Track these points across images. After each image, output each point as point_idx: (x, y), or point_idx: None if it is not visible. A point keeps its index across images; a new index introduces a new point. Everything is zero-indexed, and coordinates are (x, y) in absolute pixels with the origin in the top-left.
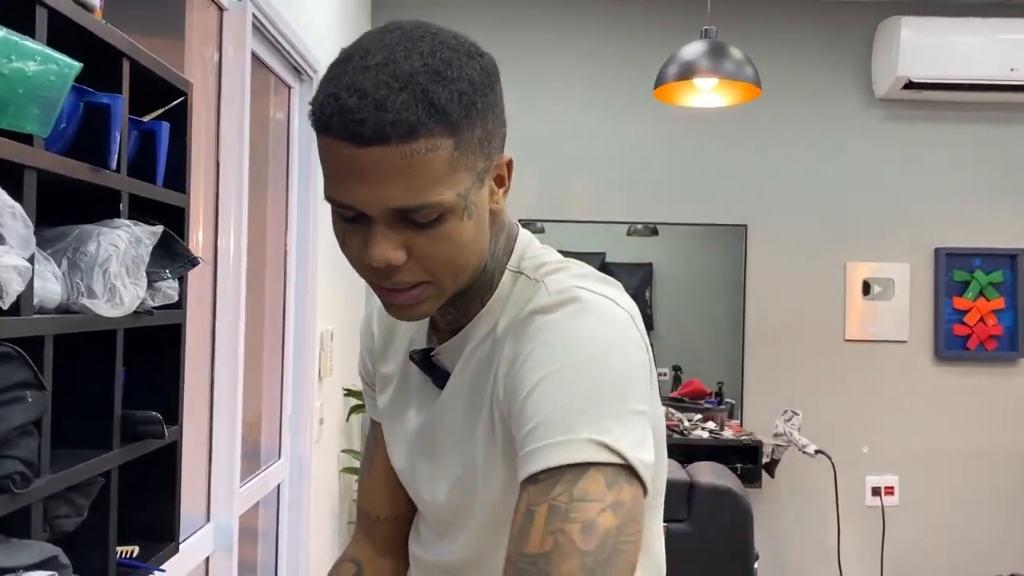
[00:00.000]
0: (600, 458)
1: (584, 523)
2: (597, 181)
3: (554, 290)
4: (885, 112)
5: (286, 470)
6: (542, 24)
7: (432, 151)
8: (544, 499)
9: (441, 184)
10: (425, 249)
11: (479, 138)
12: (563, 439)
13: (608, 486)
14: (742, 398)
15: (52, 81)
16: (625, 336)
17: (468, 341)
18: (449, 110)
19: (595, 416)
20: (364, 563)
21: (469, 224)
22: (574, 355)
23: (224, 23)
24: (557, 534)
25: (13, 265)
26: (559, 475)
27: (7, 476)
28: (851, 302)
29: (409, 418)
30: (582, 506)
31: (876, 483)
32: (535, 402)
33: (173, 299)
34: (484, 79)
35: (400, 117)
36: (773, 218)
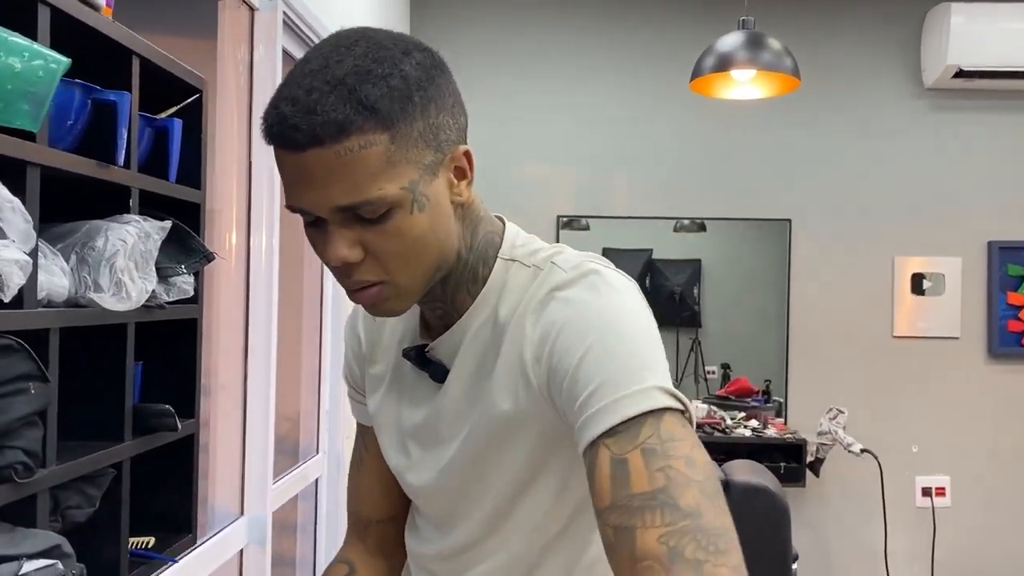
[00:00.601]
0: (669, 403)
1: (686, 458)
2: (637, 176)
3: (568, 267)
4: (935, 102)
5: (324, 465)
6: (577, 17)
7: (365, 147)
8: (633, 445)
9: (380, 179)
10: (378, 245)
11: (421, 132)
12: (636, 389)
13: (683, 426)
14: (786, 396)
15: (40, 77)
16: (639, 303)
17: (465, 332)
18: (379, 106)
19: (653, 368)
20: (357, 563)
21: (420, 217)
22: (612, 320)
23: (255, 23)
24: (666, 470)
25: (14, 259)
26: (640, 422)
27: (9, 466)
28: (900, 298)
29: (406, 415)
30: (676, 445)
31: (927, 484)
32: (588, 368)
33: (188, 294)
34: (421, 74)
35: (329, 118)
36: (818, 212)
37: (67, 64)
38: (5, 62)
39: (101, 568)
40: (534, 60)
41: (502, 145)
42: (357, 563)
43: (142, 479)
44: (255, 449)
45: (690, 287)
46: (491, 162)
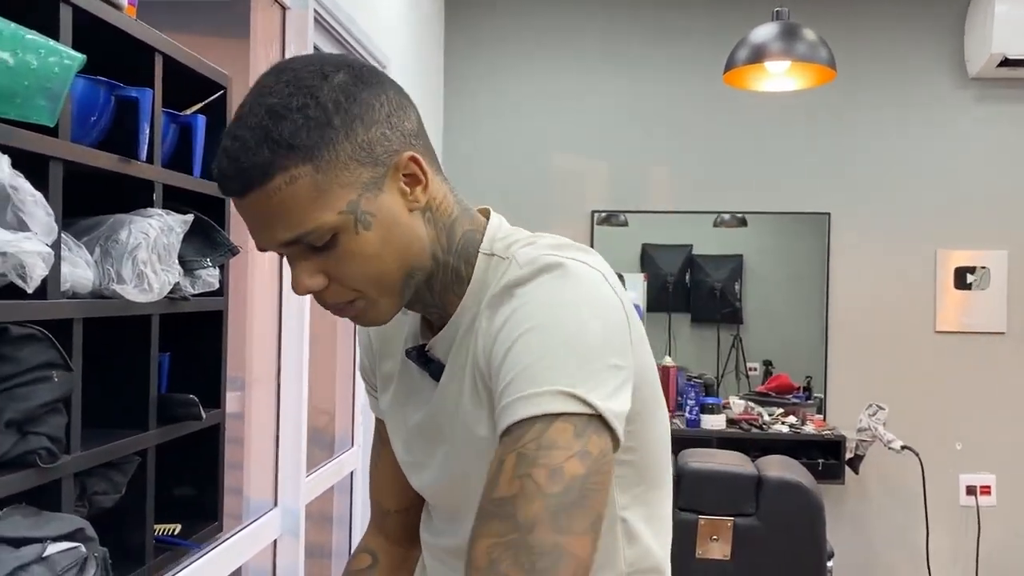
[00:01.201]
0: (568, 408)
1: (551, 468)
2: (672, 170)
3: (524, 261)
4: (979, 92)
5: (359, 457)
6: (610, 8)
7: (291, 183)
8: (513, 448)
9: (313, 208)
10: (336, 270)
11: (349, 153)
12: (533, 391)
13: (576, 436)
14: (825, 392)
15: (56, 73)
16: (597, 294)
17: (458, 329)
18: (295, 142)
19: (564, 370)
20: (379, 552)
21: (368, 235)
22: (545, 315)
23: (287, 22)
24: (524, 478)
25: (37, 251)
26: (529, 425)
27: (33, 451)
28: (943, 292)
29: (410, 412)
30: (549, 453)
31: (971, 482)
32: (509, 362)
33: (214, 286)
34: (339, 96)
35: (252, 163)
36: (857, 205)
37: (82, 60)
38: (22, 59)
39: (127, 553)
40: (567, 53)
41: (534, 138)
42: (380, 552)
43: (169, 468)
44: (288, 442)
45: (731, 283)
46: (522, 156)
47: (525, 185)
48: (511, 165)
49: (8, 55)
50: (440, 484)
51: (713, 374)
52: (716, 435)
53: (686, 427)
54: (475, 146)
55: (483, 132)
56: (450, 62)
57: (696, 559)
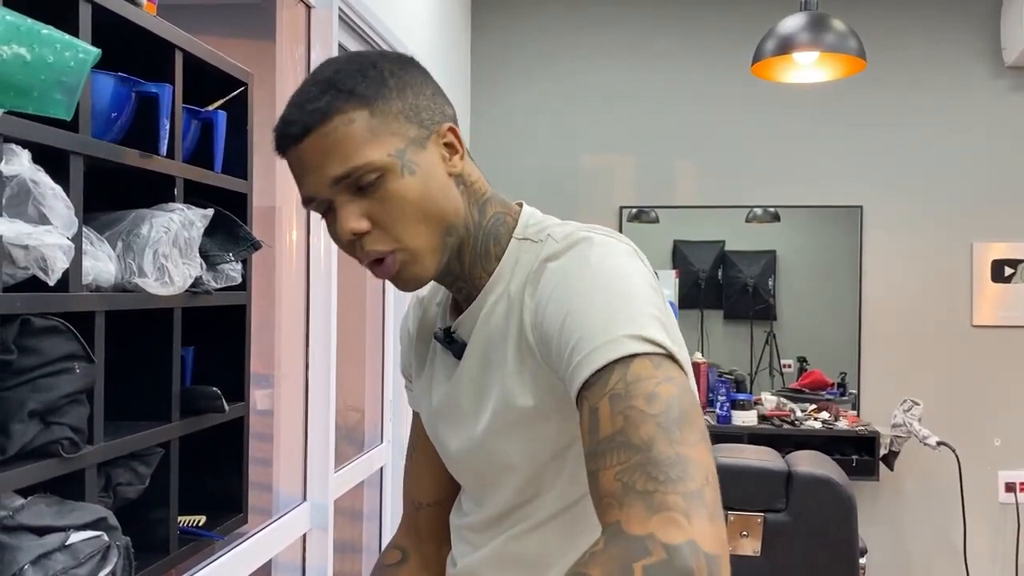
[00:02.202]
0: (642, 349)
1: (646, 395)
2: (701, 164)
3: (560, 237)
4: (1016, 81)
5: (389, 453)
6: (635, 5)
7: (348, 124)
8: (602, 393)
9: (366, 147)
10: (380, 212)
11: (400, 109)
12: (604, 340)
13: (656, 367)
14: (859, 387)
15: (72, 67)
16: (632, 263)
17: (481, 308)
18: (356, 89)
19: (627, 318)
20: (409, 549)
21: (412, 181)
22: (591, 280)
23: (312, 20)
24: (625, 411)
25: (57, 243)
26: (610, 371)
27: (55, 441)
28: (979, 285)
29: (435, 394)
30: (640, 384)
31: (1010, 479)
32: (569, 329)
33: (236, 281)
34: (394, 64)
35: (315, 107)
36: (890, 198)
37: (97, 54)
38: (38, 54)
39: (152, 543)
40: (592, 49)
41: (560, 134)
42: (410, 550)
43: (194, 460)
44: (316, 437)
45: (764, 279)
46: (549, 152)
47: (552, 183)
48: (538, 163)
49: (25, 50)
50: (462, 463)
51: (746, 371)
52: (747, 431)
53: (717, 423)
54: (501, 145)
55: (510, 130)
56: (476, 60)
57: None
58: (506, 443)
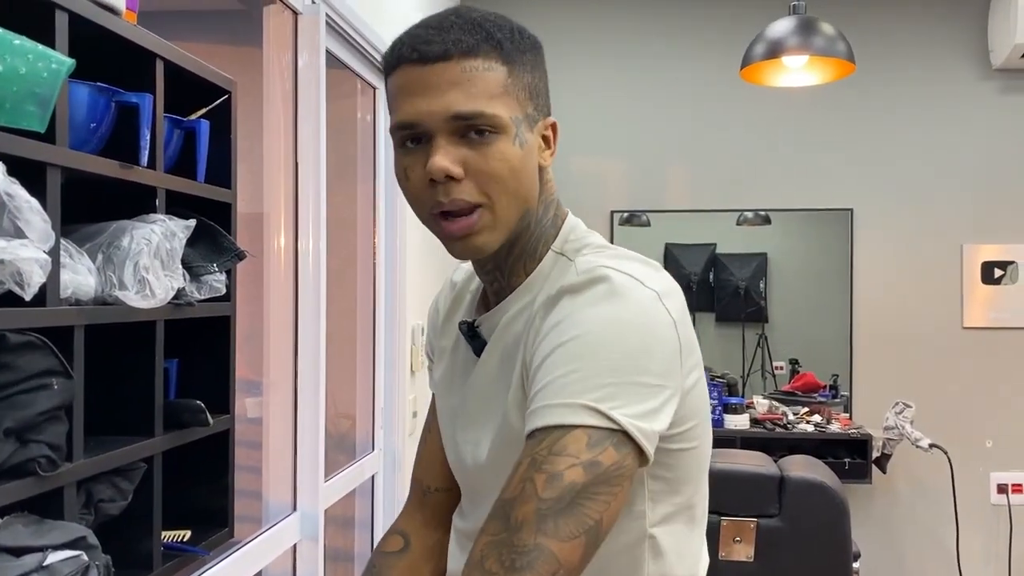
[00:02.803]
0: (589, 421)
1: (550, 474)
2: (693, 168)
3: (582, 269)
4: (1003, 83)
5: (380, 462)
6: (624, 5)
7: (488, 70)
8: (529, 453)
9: (495, 100)
10: (481, 165)
11: (528, 83)
12: (559, 401)
13: (589, 446)
14: (851, 390)
15: (45, 78)
16: (647, 313)
17: (505, 312)
18: (503, 43)
19: (594, 384)
20: (411, 535)
21: (518, 151)
22: (588, 328)
23: (299, 27)
24: (526, 482)
25: (34, 257)
26: (548, 433)
27: (32, 459)
28: (970, 287)
29: (455, 388)
30: (554, 459)
31: (1002, 480)
32: (545, 368)
33: (221, 292)
34: (532, 43)
35: (460, 37)
36: (880, 200)
37: (71, 64)
38: (10, 65)
39: (135, 560)
40: (581, 50)
41: None
42: (412, 535)
43: (178, 474)
44: (306, 446)
45: (755, 281)
46: None
47: None
48: None
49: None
50: (465, 464)
51: (738, 374)
52: (740, 435)
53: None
54: None
55: None
56: None
57: (720, 561)
58: (502, 461)
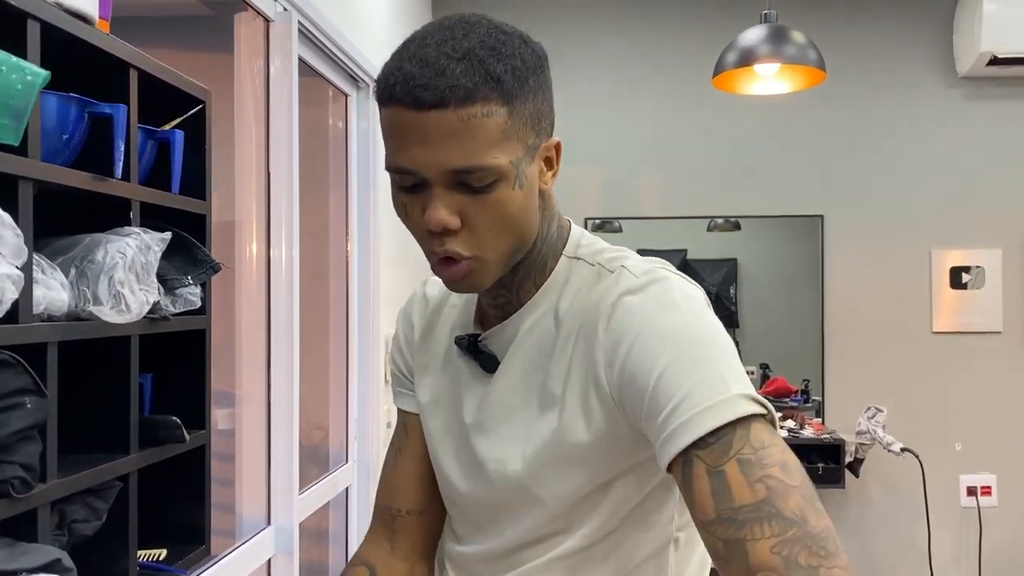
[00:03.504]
0: (754, 410)
1: (781, 464)
2: (665, 175)
3: (639, 272)
4: (969, 91)
5: (354, 474)
6: (598, 12)
7: (488, 116)
8: (727, 457)
9: (495, 148)
10: (478, 216)
11: (530, 113)
12: (721, 399)
13: (771, 433)
14: (823, 395)
15: (19, 90)
16: (708, 309)
17: (521, 323)
18: (504, 80)
19: (735, 376)
20: (378, 566)
21: (519, 194)
22: (688, 332)
23: (271, 34)
24: (765, 480)
25: (6, 273)
26: (730, 433)
27: (6, 481)
28: (938, 292)
29: (457, 405)
30: (769, 452)
31: (972, 482)
32: (670, 382)
33: (196, 305)
34: (535, 61)
35: (459, 83)
36: (850, 207)
37: (46, 76)
38: None
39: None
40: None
41: None
42: (379, 567)
43: (154, 492)
44: (280, 459)
45: (726, 287)
46: None
47: None
48: None
49: None
50: (487, 485)
51: None
52: None
53: None
54: None
55: None
56: None
57: None
58: (545, 477)
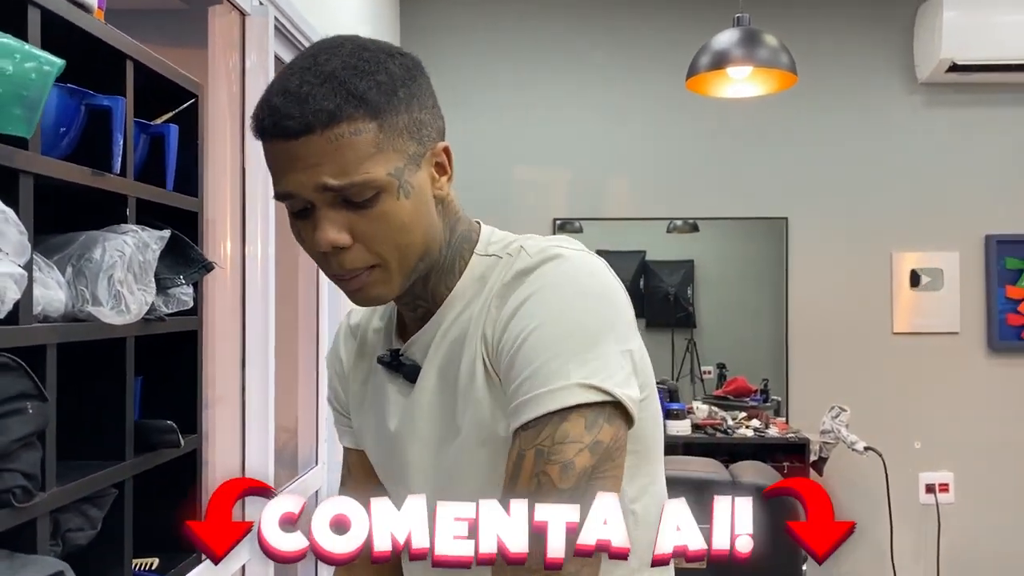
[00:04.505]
0: (587, 398)
1: (562, 464)
2: (632, 178)
3: (534, 251)
4: (928, 97)
5: (324, 476)
6: (570, 17)
7: (355, 134)
8: (532, 444)
9: (369, 163)
10: (366, 230)
11: (406, 124)
12: (553, 387)
13: (588, 428)
14: (788, 395)
15: (33, 79)
16: (606, 282)
17: (439, 326)
18: (368, 97)
19: (579, 361)
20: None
21: (406, 203)
22: (559, 305)
23: (247, 28)
24: (540, 475)
25: (8, 272)
26: (547, 420)
27: (7, 490)
28: (898, 294)
29: (389, 423)
30: (562, 448)
31: (930, 480)
32: (525, 354)
33: (188, 305)
34: (404, 73)
35: (321, 106)
36: (814, 210)
37: (61, 66)
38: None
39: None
40: (526, 62)
41: (496, 148)
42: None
43: (144, 498)
44: (254, 462)
45: (684, 288)
46: (485, 165)
47: (485, 194)
48: (470, 175)
49: None
50: (428, 487)
51: (669, 377)
52: (682, 440)
53: None
54: None
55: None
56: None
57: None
58: (477, 473)
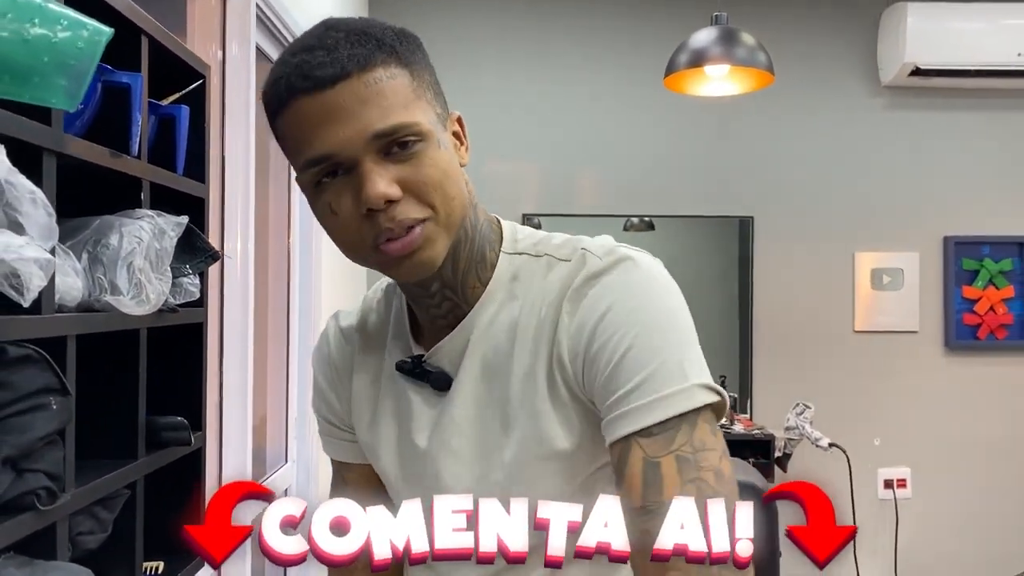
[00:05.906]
0: (707, 400)
1: (715, 470)
2: (604, 175)
3: (602, 253)
4: (891, 99)
5: (293, 474)
6: (544, 10)
7: (392, 78)
8: (667, 450)
9: (410, 108)
10: (415, 177)
11: (429, 82)
12: (677, 389)
13: (713, 432)
14: (752, 392)
15: (80, 48)
16: (671, 282)
17: (471, 331)
18: (395, 47)
19: (695, 362)
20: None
21: (445, 154)
22: (653, 312)
23: (228, 16)
24: (697, 482)
25: (34, 258)
26: (676, 426)
27: (32, 492)
28: (860, 293)
29: (416, 437)
30: (707, 455)
31: (888, 475)
32: (631, 363)
33: (195, 296)
34: (417, 42)
35: (353, 52)
36: (779, 209)
37: (110, 35)
38: (41, 32)
39: None
40: (498, 54)
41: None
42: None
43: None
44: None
45: None
46: None
47: None
48: None
49: (25, 27)
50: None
51: None
52: None
53: None
54: None
55: None
56: None
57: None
58: (531, 487)
